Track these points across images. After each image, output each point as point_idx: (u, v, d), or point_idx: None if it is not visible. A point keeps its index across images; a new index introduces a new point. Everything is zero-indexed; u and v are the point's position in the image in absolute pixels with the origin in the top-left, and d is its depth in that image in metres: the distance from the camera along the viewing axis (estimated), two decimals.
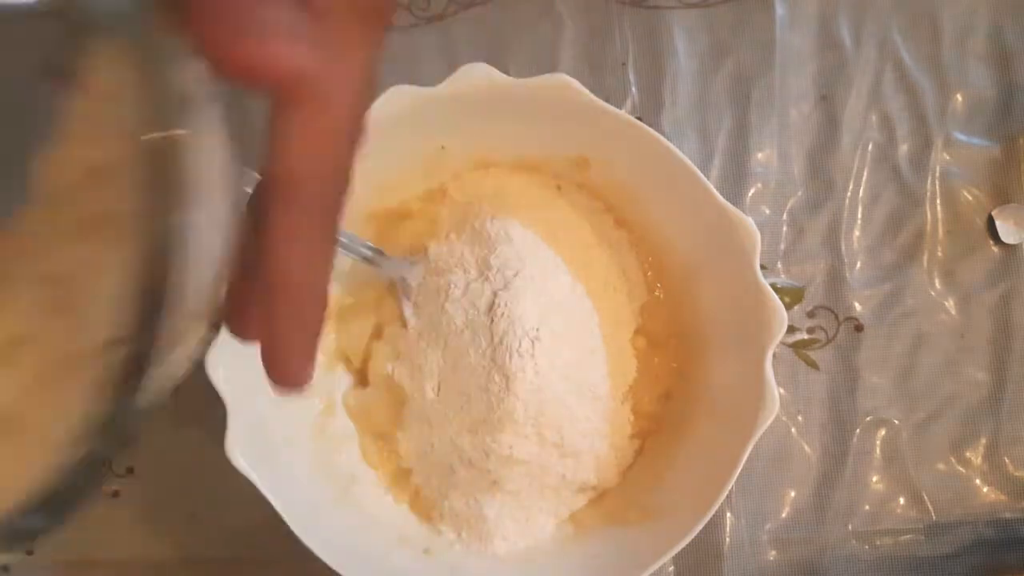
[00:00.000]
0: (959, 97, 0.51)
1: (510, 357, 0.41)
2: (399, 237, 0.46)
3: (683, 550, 0.39)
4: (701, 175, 0.40)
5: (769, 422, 0.39)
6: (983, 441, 0.49)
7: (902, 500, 0.48)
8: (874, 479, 0.48)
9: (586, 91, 0.40)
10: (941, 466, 0.49)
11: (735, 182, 0.50)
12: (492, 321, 0.41)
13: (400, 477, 0.45)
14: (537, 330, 0.41)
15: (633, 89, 0.51)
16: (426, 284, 0.44)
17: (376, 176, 0.44)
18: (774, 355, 0.39)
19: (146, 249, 0.18)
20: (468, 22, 0.51)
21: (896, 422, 0.49)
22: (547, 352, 0.41)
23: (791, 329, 0.49)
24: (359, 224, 0.44)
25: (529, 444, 0.42)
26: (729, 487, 0.39)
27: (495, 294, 0.42)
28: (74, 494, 0.18)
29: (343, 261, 0.44)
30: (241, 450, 0.39)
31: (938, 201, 0.51)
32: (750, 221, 0.40)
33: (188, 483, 0.47)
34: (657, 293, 0.46)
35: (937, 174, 0.51)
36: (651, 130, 0.41)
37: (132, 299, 0.18)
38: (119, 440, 0.18)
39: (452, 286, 0.43)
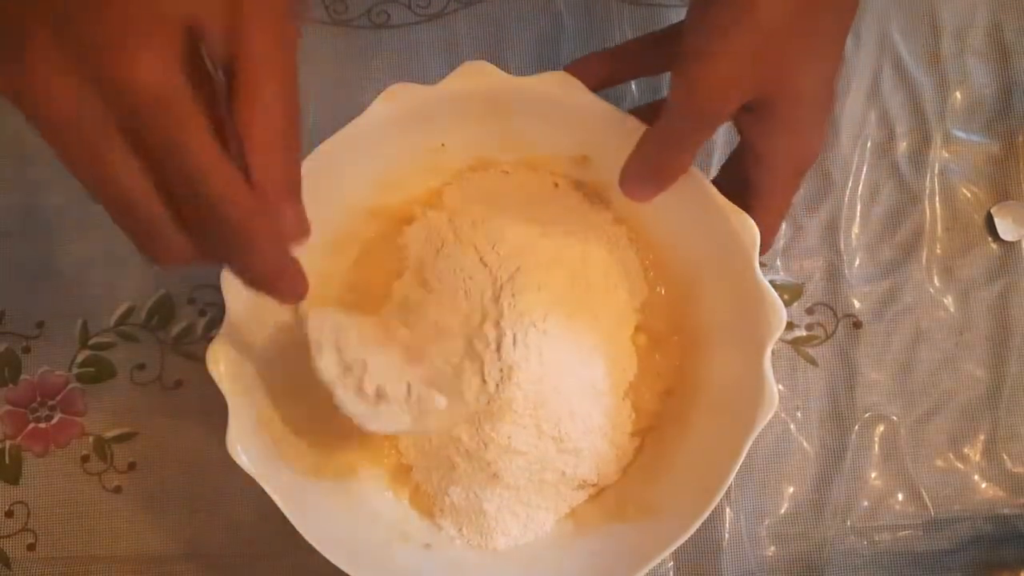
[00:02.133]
0: (958, 94, 0.52)
1: (513, 346, 0.41)
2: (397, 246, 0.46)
3: (682, 545, 0.39)
4: (700, 172, 0.40)
5: (768, 418, 0.39)
6: (981, 437, 0.49)
7: (900, 496, 0.49)
8: (872, 475, 0.49)
9: (586, 88, 0.41)
10: (939, 462, 0.49)
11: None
12: (496, 314, 0.42)
13: (400, 473, 0.45)
14: (536, 324, 0.41)
15: (632, 86, 0.51)
16: (427, 286, 0.44)
17: (377, 173, 0.44)
18: (773, 352, 0.39)
19: None
20: (469, 19, 0.51)
21: (894, 418, 0.49)
22: (548, 347, 0.41)
23: (790, 326, 0.49)
24: (360, 221, 0.45)
25: (527, 435, 0.42)
26: (728, 483, 0.39)
27: (498, 288, 0.42)
28: None
29: (340, 263, 0.45)
30: (242, 446, 0.39)
31: (937, 198, 0.51)
32: (748, 219, 0.40)
33: (189, 478, 0.47)
34: (659, 290, 0.46)
35: (936, 171, 0.51)
36: None
37: None
38: None
39: (454, 287, 0.43)
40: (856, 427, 0.49)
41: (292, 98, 0.27)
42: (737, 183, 0.40)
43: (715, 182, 0.40)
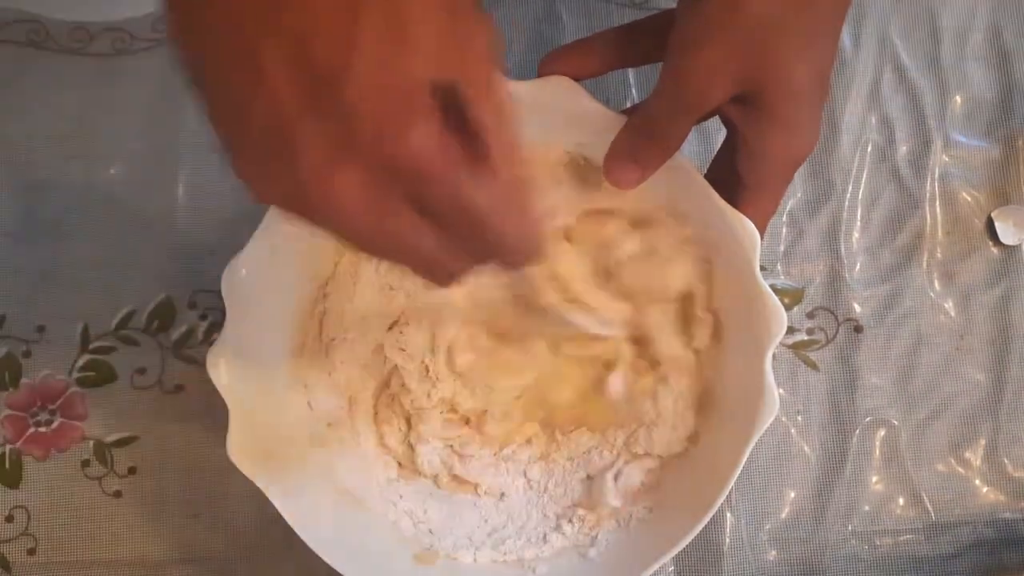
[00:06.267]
0: (958, 98, 0.52)
1: None
2: None
3: (683, 550, 0.39)
4: (701, 176, 0.40)
5: (769, 422, 0.39)
6: (982, 442, 0.49)
7: (901, 500, 0.48)
8: (874, 479, 0.49)
9: (586, 92, 0.41)
10: (940, 466, 0.49)
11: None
12: None
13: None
14: None
15: (633, 90, 0.51)
16: None
17: None
18: (774, 356, 0.39)
19: None
20: None
21: (895, 423, 0.49)
22: None
23: (791, 330, 0.49)
24: None
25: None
26: (729, 487, 0.39)
27: None
28: None
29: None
30: (242, 450, 0.39)
31: (937, 202, 0.51)
32: (749, 222, 0.40)
33: (190, 483, 0.47)
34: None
35: (936, 175, 0.51)
36: None
37: None
38: None
39: None
40: (857, 431, 0.49)
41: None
42: (727, 178, 0.40)
43: (705, 177, 0.40)
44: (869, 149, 0.51)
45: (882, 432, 0.49)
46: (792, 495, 0.48)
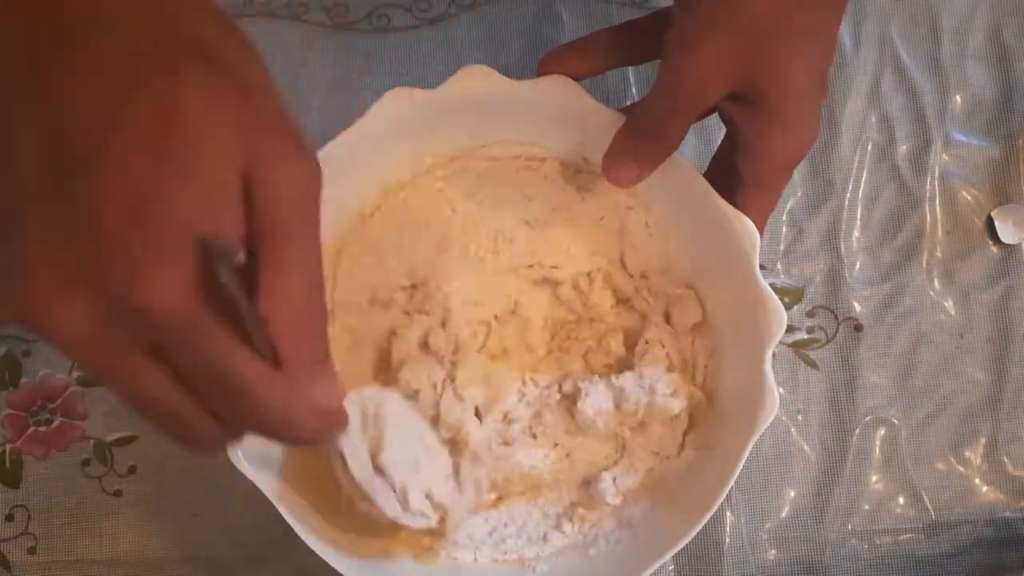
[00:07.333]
0: (958, 98, 0.52)
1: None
2: None
3: (683, 549, 0.39)
4: (701, 175, 0.40)
5: (769, 422, 0.39)
6: (982, 440, 0.49)
7: (901, 499, 0.48)
8: (873, 478, 0.49)
9: (585, 91, 0.41)
10: (940, 465, 0.49)
11: None
12: None
13: None
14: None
15: (633, 89, 0.51)
16: None
17: (377, 176, 0.44)
18: (774, 355, 0.39)
19: None
20: (469, 23, 0.52)
21: (895, 422, 0.49)
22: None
23: (790, 329, 0.49)
24: (358, 223, 0.45)
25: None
26: (729, 487, 0.39)
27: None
28: None
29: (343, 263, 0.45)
30: (242, 449, 0.39)
31: (937, 201, 0.51)
32: (749, 220, 0.40)
33: (189, 482, 0.47)
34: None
35: (936, 174, 0.51)
36: None
37: None
38: None
39: None
40: (857, 430, 0.49)
41: (317, 282, 0.26)
42: (727, 176, 0.40)
43: (704, 176, 0.40)
44: (869, 148, 0.51)
45: (882, 431, 0.49)
46: (792, 494, 0.48)
